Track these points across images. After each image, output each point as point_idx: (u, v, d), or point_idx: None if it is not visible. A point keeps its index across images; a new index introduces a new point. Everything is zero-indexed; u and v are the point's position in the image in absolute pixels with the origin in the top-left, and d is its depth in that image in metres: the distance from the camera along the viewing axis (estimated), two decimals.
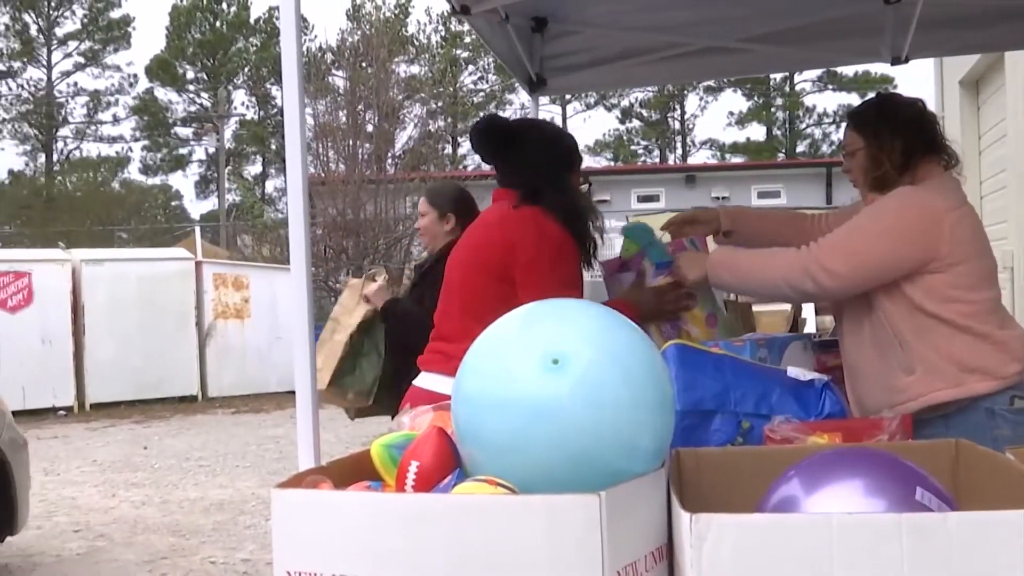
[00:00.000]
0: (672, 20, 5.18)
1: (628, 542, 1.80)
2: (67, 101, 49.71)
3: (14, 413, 6.64)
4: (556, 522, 1.73)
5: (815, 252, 3.04)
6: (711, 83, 46.94)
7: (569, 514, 1.72)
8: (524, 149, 3.38)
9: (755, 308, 4.86)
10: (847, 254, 3.02)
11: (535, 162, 3.35)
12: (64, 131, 49.92)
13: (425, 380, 3.35)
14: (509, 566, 1.75)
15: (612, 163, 48.41)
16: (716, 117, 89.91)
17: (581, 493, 1.72)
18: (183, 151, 51.53)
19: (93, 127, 50.13)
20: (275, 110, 48.69)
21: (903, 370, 3.06)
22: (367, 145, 21.99)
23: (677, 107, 52.57)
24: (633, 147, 52.63)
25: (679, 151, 52.93)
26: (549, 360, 1.85)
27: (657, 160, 50.96)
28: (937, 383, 3.02)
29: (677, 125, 53.62)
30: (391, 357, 4.54)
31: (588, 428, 1.83)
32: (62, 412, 16.07)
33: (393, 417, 4.25)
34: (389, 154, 22.52)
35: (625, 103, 51.08)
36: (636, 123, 52.75)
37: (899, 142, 3.16)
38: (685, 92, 50.09)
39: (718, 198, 29.13)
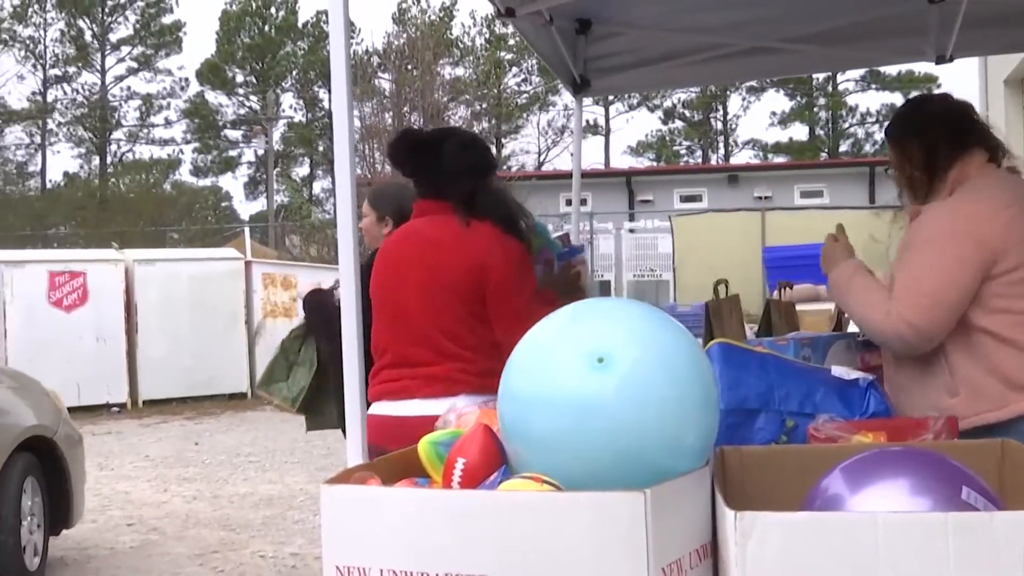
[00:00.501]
0: (715, 21, 5.16)
1: (673, 539, 1.80)
2: (120, 105, 50.34)
3: (69, 409, 6.73)
4: (601, 519, 1.73)
5: (896, 307, 2.83)
6: (754, 83, 46.55)
7: (614, 511, 1.72)
8: (444, 158, 3.30)
9: (799, 307, 4.82)
10: (926, 303, 2.81)
11: (458, 170, 3.30)
12: (118, 134, 50.54)
13: (407, 408, 3.18)
14: (555, 562, 1.75)
15: (655, 163, 48.20)
16: (759, 117, 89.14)
17: (626, 490, 1.72)
18: (233, 153, 51.99)
19: (145, 130, 50.70)
20: (322, 113, 48.94)
21: (947, 391, 2.90)
22: None
23: (719, 107, 52.23)
24: (676, 147, 52.35)
25: (722, 151, 52.62)
26: (595, 359, 1.85)
27: (699, 160, 50.67)
28: (982, 404, 2.85)
29: (720, 125, 53.30)
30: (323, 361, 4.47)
31: (633, 426, 1.83)
32: (115, 408, 16.25)
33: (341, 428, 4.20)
34: None
35: (668, 104, 50.84)
36: (679, 124, 52.47)
37: (917, 140, 3.01)
38: (728, 92, 49.74)
39: (760, 197, 28.94)
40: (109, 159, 50.13)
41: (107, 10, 48.82)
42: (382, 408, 3.22)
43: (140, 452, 11.76)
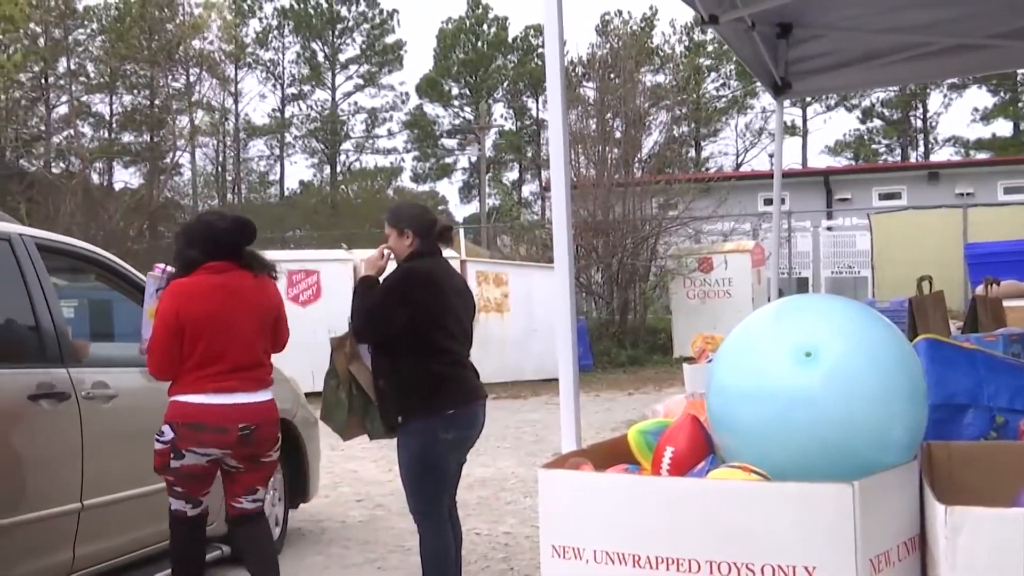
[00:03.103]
0: (917, 20, 4.93)
1: (881, 531, 1.74)
2: (348, 118, 52.25)
3: (306, 395, 7.00)
4: (809, 509, 1.68)
5: None
6: (955, 80, 44.15)
7: (823, 502, 1.68)
8: (227, 234, 4.27)
9: (1004, 303, 4.56)
10: None
11: (239, 241, 4.32)
12: (346, 145, 52.45)
13: (235, 398, 4.17)
14: (762, 549, 1.72)
15: (853, 163, 46.47)
16: (960, 114, 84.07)
17: (834, 482, 1.67)
18: (448, 160, 53.22)
19: (370, 141, 52.51)
20: (531, 121, 49.48)
21: None
22: (615, 151, 22.03)
23: (919, 105, 49.81)
24: (874, 146, 50.30)
25: (921, 149, 50.21)
26: (802, 353, 1.80)
27: (899, 159, 48.49)
28: None
29: (919, 123, 50.86)
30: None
31: (840, 419, 1.78)
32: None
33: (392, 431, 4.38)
34: (636, 158, 22.47)
35: (866, 103, 48.89)
36: (877, 123, 50.40)
37: None
38: (928, 90, 47.37)
39: (962, 194, 27.47)
40: (339, 168, 52.13)
41: (337, 33, 50.85)
42: (214, 399, 4.12)
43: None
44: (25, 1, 32.22)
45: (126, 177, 42.28)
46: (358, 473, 9.14)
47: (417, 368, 4.15)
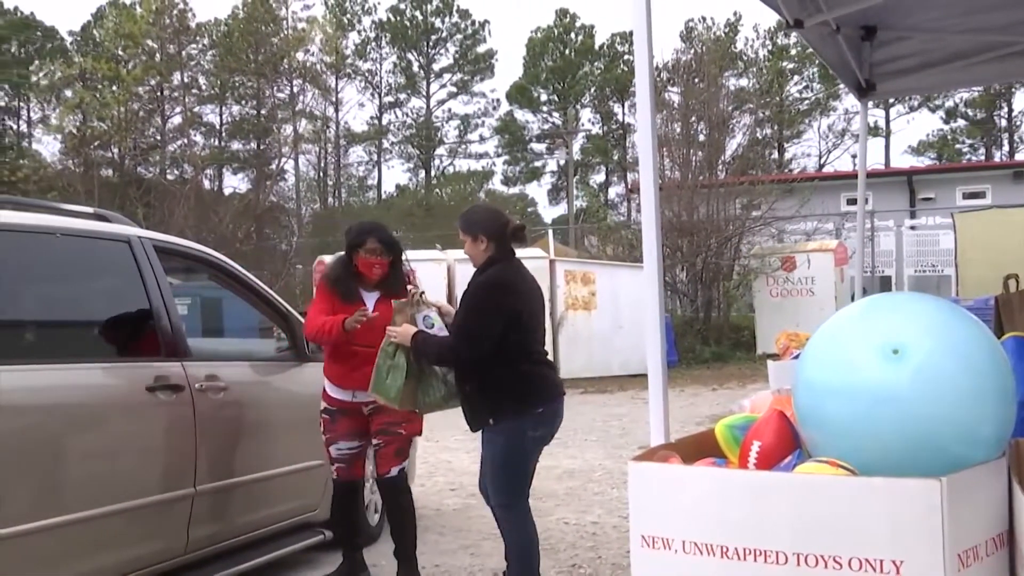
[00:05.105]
0: (1002, 20, 4.77)
1: (969, 527, 1.69)
2: (442, 125, 52.73)
3: None
4: (897, 504, 1.64)
5: None
6: None
7: (910, 497, 1.63)
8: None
9: None
10: None
11: None
12: (440, 150, 52.91)
13: None
14: (849, 542, 1.68)
15: (936, 162, 45.20)
16: None
17: (923, 478, 1.63)
18: (537, 164, 53.32)
19: (463, 146, 52.90)
20: (616, 125, 49.26)
21: None
22: (699, 153, 21.84)
23: (1003, 105, 48.24)
24: (958, 146, 48.87)
25: (1006, 148, 48.60)
26: (890, 350, 1.76)
27: (983, 158, 47.00)
28: None
29: (1003, 123, 49.24)
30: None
31: (928, 416, 1.73)
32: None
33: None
34: (719, 161, 22.23)
35: (949, 103, 47.53)
36: (961, 123, 48.96)
37: None
38: (1012, 89, 45.80)
39: None
40: (433, 172, 52.61)
41: (431, 43, 51.35)
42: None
43: (460, 427, 12.12)
44: (144, 19, 33.23)
45: (235, 183, 43.24)
46: (452, 463, 9.19)
47: (507, 370, 4.14)
